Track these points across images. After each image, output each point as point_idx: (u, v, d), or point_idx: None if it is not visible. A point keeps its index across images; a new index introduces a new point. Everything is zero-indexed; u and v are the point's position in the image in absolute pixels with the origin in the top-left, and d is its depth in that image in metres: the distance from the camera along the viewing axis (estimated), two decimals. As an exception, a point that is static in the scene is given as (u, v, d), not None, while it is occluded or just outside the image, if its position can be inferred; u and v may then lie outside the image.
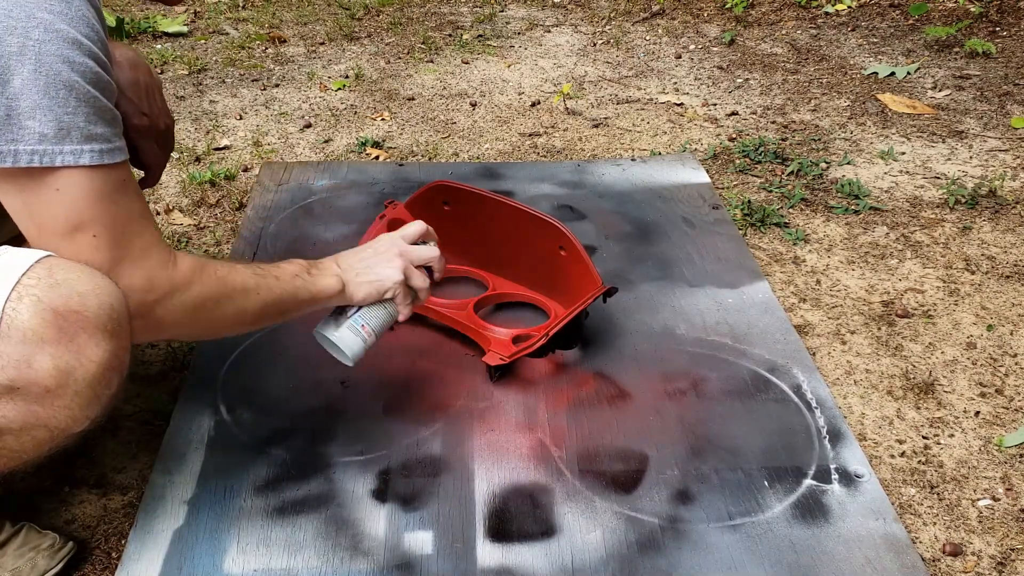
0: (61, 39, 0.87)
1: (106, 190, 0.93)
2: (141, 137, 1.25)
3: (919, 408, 1.45)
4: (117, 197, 0.94)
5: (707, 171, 2.18)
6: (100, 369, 0.89)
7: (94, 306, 0.88)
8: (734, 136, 2.42)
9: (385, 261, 1.22)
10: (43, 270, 0.87)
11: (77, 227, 0.92)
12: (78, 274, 0.89)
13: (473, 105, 2.62)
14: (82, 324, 0.87)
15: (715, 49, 3.09)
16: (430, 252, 1.27)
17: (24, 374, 0.85)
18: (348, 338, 1.23)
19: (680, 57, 3.02)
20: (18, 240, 0.96)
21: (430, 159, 2.28)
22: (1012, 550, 1.21)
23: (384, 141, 2.38)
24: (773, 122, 2.52)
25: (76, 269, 0.89)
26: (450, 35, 3.22)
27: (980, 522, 1.25)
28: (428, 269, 1.27)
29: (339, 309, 1.24)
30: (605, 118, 2.54)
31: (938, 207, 2.05)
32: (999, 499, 1.29)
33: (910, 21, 3.30)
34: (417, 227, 1.28)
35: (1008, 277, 1.79)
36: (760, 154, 2.29)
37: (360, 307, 1.23)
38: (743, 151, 2.31)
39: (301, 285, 1.14)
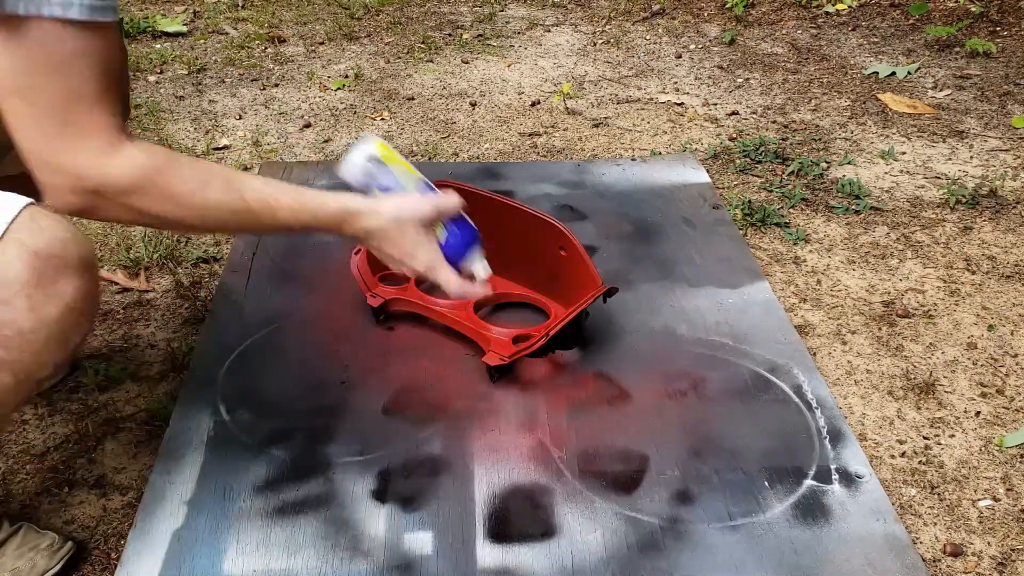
0: None
1: (70, 52, 0.86)
2: None
3: (920, 408, 1.45)
4: (76, 62, 0.87)
5: (707, 171, 2.18)
6: (73, 313, 0.92)
7: (73, 252, 0.92)
8: (734, 136, 2.42)
9: (414, 249, 1.22)
10: (26, 215, 0.90)
11: (16, 91, 0.87)
12: (57, 221, 0.92)
13: (473, 105, 2.62)
14: (60, 268, 0.90)
15: (715, 49, 3.09)
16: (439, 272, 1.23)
17: (1, 315, 0.88)
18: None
19: (680, 57, 3.01)
20: (13, 181, 0.96)
21: (430, 159, 2.28)
22: (1013, 550, 1.20)
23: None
24: (773, 122, 2.52)
25: (55, 217, 0.92)
26: (450, 35, 3.21)
27: (981, 522, 1.25)
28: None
29: None
30: (605, 118, 2.53)
31: (939, 207, 2.05)
32: (1000, 499, 1.28)
33: (910, 21, 3.29)
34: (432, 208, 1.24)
35: (1009, 277, 1.79)
36: (760, 154, 2.29)
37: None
38: (743, 151, 2.31)
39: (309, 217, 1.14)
